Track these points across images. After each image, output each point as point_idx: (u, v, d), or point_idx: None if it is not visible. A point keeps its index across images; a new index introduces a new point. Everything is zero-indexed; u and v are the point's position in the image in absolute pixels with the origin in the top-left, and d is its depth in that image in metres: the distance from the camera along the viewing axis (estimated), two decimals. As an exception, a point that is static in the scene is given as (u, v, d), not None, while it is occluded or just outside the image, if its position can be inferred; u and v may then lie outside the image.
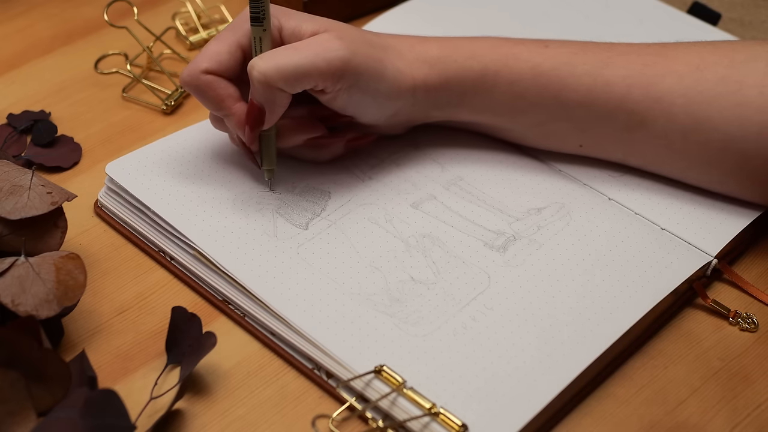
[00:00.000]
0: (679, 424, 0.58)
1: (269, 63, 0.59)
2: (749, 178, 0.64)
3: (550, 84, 0.65)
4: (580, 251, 0.63)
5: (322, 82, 0.61)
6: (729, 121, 0.63)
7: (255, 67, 0.60)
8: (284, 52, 0.60)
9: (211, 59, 0.62)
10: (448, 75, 0.65)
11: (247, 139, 0.62)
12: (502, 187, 0.67)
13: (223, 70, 0.62)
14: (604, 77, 0.64)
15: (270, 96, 0.60)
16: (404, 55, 0.64)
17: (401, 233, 0.64)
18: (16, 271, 0.57)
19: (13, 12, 0.86)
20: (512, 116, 0.67)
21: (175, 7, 0.87)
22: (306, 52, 0.60)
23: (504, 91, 0.65)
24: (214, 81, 0.62)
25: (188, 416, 0.57)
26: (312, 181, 0.67)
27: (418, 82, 0.64)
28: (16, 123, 0.74)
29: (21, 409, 0.53)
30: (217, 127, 0.66)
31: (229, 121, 0.63)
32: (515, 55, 0.65)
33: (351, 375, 0.56)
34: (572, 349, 0.58)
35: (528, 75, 0.65)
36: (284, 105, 0.61)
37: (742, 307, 0.64)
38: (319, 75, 0.60)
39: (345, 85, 0.61)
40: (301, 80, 0.60)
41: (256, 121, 0.61)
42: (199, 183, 0.66)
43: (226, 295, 0.62)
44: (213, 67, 0.62)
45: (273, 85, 0.60)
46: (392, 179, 0.68)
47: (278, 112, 0.62)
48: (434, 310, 0.60)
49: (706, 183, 0.66)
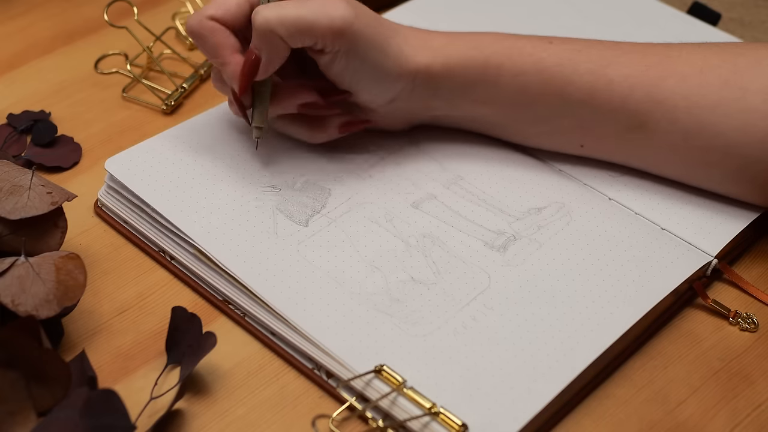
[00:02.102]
0: (679, 424, 0.58)
1: (273, 11, 0.60)
2: (750, 181, 0.64)
3: (552, 79, 0.65)
4: (581, 251, 0.63)
5: (322, 39, 0.61)
6: (732, 127, 0.62)
7: (259, 12, 0.61)
8: (290, 4, 0.61)
9: (218, 7, 0.63)
10: (451, 63, 0.65)
11: (240, 87, 0.63)
12: (503, 186, 0.67)
13: (229, 19, 0.63)
14: (606, 76, 0.64)
15: (270, 43, 0.61)
16: (409, 40, 0.65)
17: (401, 233, 0.64)
18: (16, 271, 0.57)
19: (13, 12, 0.86)
20: (514, 110, 0.67)
21: (175, 7, 0.87)
22: (312, 6, 0.61)
23: (507, 84, 0.66)
24: (216, 28, 0.63)
25: (188, 416, 0.57)
26: (312, 178, 0.67)
27: (421, 66, 0.65)
28: (16, 123, 0.74)
29: (21, 409, 0.53)
30: (217, 86, 0.66)
31: (225, 72, 0.63)
32: (519, 48, 0.65)
33: (351, 375, 0.56)
34: (572, 349, 0.58)
35: (531, 69, 0.65)
36: (282, 57, 0.62)
37: (742, 307, 0.64)
38: (320, 31, 0.61)
39: (344, 47, 0.62)
40: (302, 32, 0.61)
41: (251, 69, 0.62)
42: (199, 179, 0.66)
43: (227, 294, 0.62)
44: (219, 15, 0.63)
45: (274, 32, 0.60)
46: (393, 177, 0.68)
47: (275, 63, 0.62)
48: (434, 310, 0.60)
49: (706, 185, 0.66)
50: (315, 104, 0.65)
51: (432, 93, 0.66)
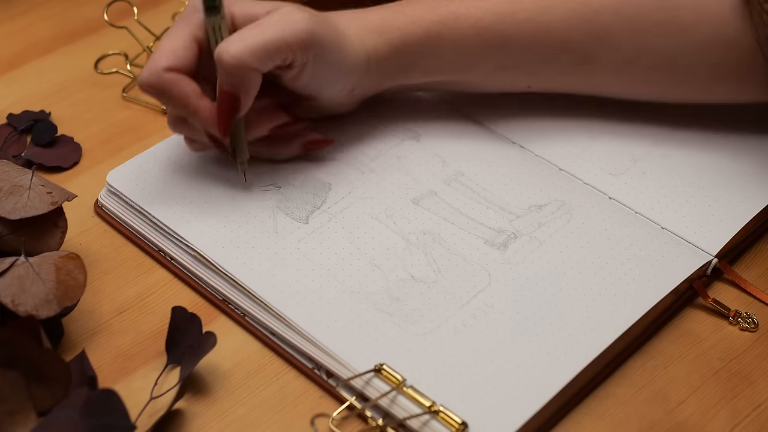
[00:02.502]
0: (679, 424, 0.57)
1: (239, 44, 0.59)
2: (691, 88, 0.69)
3: (493, 37, 0.66)
4: (581, 249, 0.63)
5: (291, 55, 0.61)
6: (670, 44, 0.66)
7: (225, 51, 0.59)
8: (250, 32, 0.60)
9: (169, 56, 0.60)
10: (395, 43, 0.66)
11: (222, 130, 0.61)
12: (503, 183, 0.67)
13: (182, 65, 0.61)
14: (544, 22, 0.66)
15: (243, 78, 0.60)
16: (352, 29, 0.65)
17: (402, 230, 0.64)
18: (16, 271, 0.57)
19: (13, 12, 0.86)
20: (461, 72, 0.68)
21: (175, 7, 0.87)
22: (272, 28, 0.60)
23: (449, 51, 0.67)
24: (176, 78, 0.60)
25: (188, 416, 0.57)
26: (312, 173, 0.67)
27: (371, 52, 0.65)
28: (16, 123, 0.74)
29: (21, 409, 0.53)
30: (176, 129, 0.64)
31: (196, 119, 0.61)
32: (454, 13, 0.66)
33: (351, 374, 0.56)
34: (572, 347, 0.58)
35: (471, 32, 0.66)
36: (257, 86, 0.61)
37: (742, 307, 0.63)
38: (288, 47, 0.60)
39: (311, 56, 0.62)
40: (273, 55, 0.60)
41: (230, 109, 0.61)
42: (199, 186, 0.66)
43: (226, 294, 0.62)
44: (173, 64, 0.60)
45: (247, 65, 0.59)
46: (393, 172, 0.68)
47: (252, 95, 0.61)
48: (434, 309, 0.60)
49: (654, 98, 0.70)
50: (286, 124, 0.66)
51: (383, 73, 0.67)
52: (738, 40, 0.66)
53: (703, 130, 0.72)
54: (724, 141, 0.71)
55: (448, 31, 0.66)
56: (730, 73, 0.67)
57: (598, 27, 0.66)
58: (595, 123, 0.72)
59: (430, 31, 0.66)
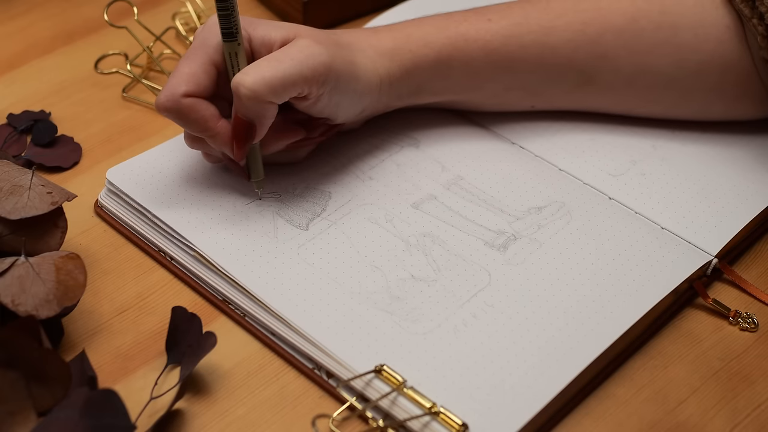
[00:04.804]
0: (679, 424, 0.58)
1: (256, 77, 0.59)
2: (689, 107, 0.70)
3: (501, 60, 0.67)
4: (581, 250, 0.63)
5: (308, 88, 0.61)
6: (668, 64, 0.68)
7: (242, 83, 0.59)
8: (268, 65, 0.59)
9: (189, 81, 0.60)
10: (407, 66, 0.66)
11: (237, 155, 0.61)
12: (503, 186, 0.67)
13: (201, 90, 0.61)
14: (549, 44, 0.67)
15: (259, 110, 0.60)
16: (366, 52, 0.65)
17: (401, 233, 0.64)
18: (16, 271, 0.57)
19: (13, 12, 0.86)
20: (469, 93, 0.69)
21: (175, 7, 0.86)
22: (290, 61, 0.60)
23: (459, 73, 0.67)
24: (195, 103, 0.60)
25: (188, 416, 0.57)
26: (312, 182, 0.67)
27: (383, 76, 0.65)
28: (16, 123, 0.74)
29: (21, 409, 0.53)
30: (192, 146, 0.64)
31: (214, 141, 0.61)
32: (463, 35, 0.67)
33: (351, 374, 0.56)
34: (572, 348, 0.58)
35: (480, 54, 0.67)
36: (273, 116, 0.61)
37: (742, 307, 0.63)
38: (305, 82, 0.60)
39: (327, 89, 0.61)
40: (289, 89, 0.60)
41: (245, 136, 0.61)
42: (200, 187, 0.66)
43: (226, 295, 0.62)
44: (192, 90, 0.60)
45: (263, 99, 0.59)
46: (393, 179, 0.68)
47: (267, 125, 0.61)
48: (435, 307, 0.60)
49: (653, 116, 0.72)
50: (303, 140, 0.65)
51: (394, 95, 0.67)
52: (735, 61, 0.67)
53: (702, 131, 0.72)
54: (723, 141, 0.71)
55: (458, 53, 0.67)
56: (728, 92, 0.69)
57: (600, 48, 0.67)
58: (595, 123, 0.72)
59: (442, 54, 0.66)
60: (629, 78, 0.68)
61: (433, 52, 0.66)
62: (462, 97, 0.70)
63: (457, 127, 0.71)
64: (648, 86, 0.69)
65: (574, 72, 0.68)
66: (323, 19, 0.83)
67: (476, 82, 0.68)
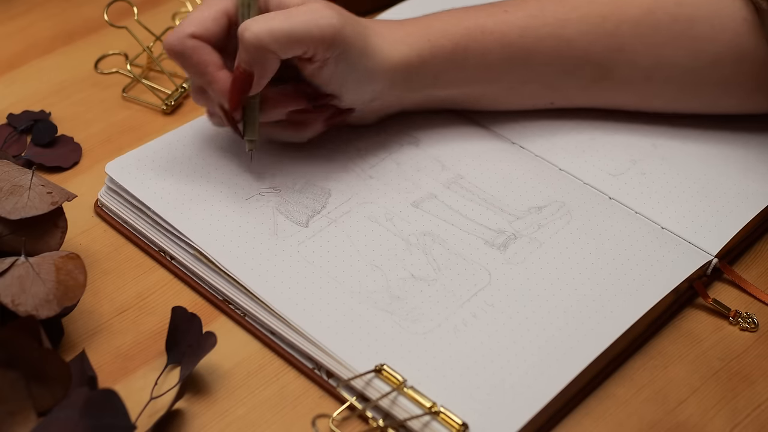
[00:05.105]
0: (679, 424, 0.57)
1: (262, 26, 0.60)
2: (704, 99, 0.70)
3: (517, 52, 0.67)
4: (581, 250, 0.63)
5: (313, 49, 0.61)
6: (685, 56, 0.67)
7: (248, 29, 0.60)
8: (277, 16, 0.61)
9: (197, 24, 0.62)
10: (424, 55, 0.66)
11: (231, 104, 0.62)
12: (503, 185, 0.67)
13: (209, 36, 0.62)
14: (565, 36, 0.67)
15: (260, 59, 0.60)
16: (384, 36, 0.65)
17: (401, 231, 0.64)
18: (16, 271, 0.57)
19: (13, 12, 0.86)
20: (484, 85, 0.69)
21: (175, 7, 0.87)
22: (300, 17, 0.61)
23: (475, 64, 0.67)
24: (198, 46, 0.62)
25: (188, 416, 0.57)
26: (312, 179, 0.67)
27: (397, 62, 0.65)
28: (16, 123, 0.74)
29: (21, 409, 0.53)
30: (198, 100, 0.65)
31: (212, 89, 0.62)
32: (480, 26, 0.67)
33: (351, 374, 0.56)
34: (572, 348, 0.58)
35: (496, 46, 0.67)
36: (273, 70, 0.62)
37: (742, 307, 0.63)
38: (311, 41, 0.61)
39: (333, 54, 0.62)
40: (294, 45, 0.60)
41: (242, 86, 0.61)
42: (199, 181, 0.66)
43: (227, 294, 0.62)
44: (199, 32, 0.62)
45: (265, 47, 0.60)
46: (393, 178, 0.68)
47: (267, 77, 0.62)
48: (435, 306, 0.60)
49: (667, 110, 0.71)
50: (304, 110, 0.66)
51: (407, 86, 0.67)
52: (750, 52, 0.67)
53: (703, 130, 0.72)
54: (724, 140, 0.71)
55: (474, 44, 0.67)
56: (743, 84, 0.69)
57: (617, 41, 0.67)
58: (595, 123, 0.72)
59: (459, 44, 0.66)
60: (646, 71, 0.68)
61: (451, 42, 0.66)
62: (478, 90, 0.69)
63: (457, 127, 0.71)
64: (665, 79, 0.68)
65: (591, 65, 0.68)
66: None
67: (492, 74, 0.68)
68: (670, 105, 0.71)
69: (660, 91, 0.69)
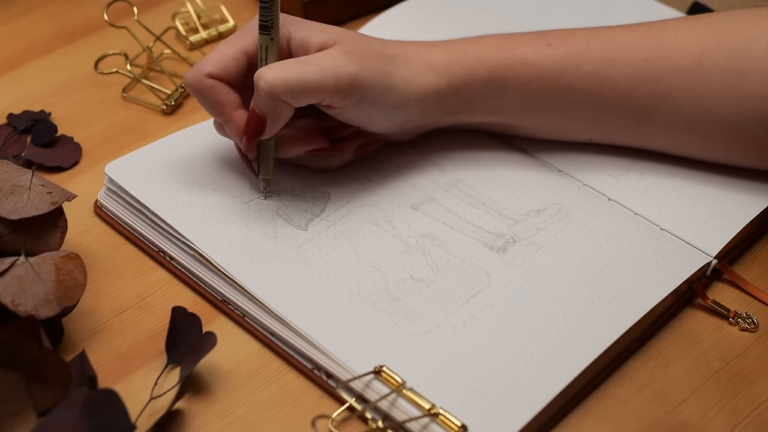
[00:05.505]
0: (679, 424, 0.58)
1: (276, 75, 0.59)
2: (752, 156, 0.67)
3: (557, 87, 0.65)
4: (580, 252, 0.63)
5: (330, 99, 0.60)
6: (733, 111, 0.64)
7: (262, 77, 0.59)
8: (293, 65, 0.60)
9: (216, 64, 0.61)
10: (457, 82, 0.64)
11: (245, 147, 0.62)
12: (502, 189, 0.67)
13: (227, 75, 0.62)
14: (609, 77, 0.65)
15: (273, 107, 0.60)
16: (412, 64, 0.64)
17: (401, 234, 0.64)
18: (16, 271, 0.57)
19: (13, 12, 0.86)
20: (522, 117, 0.68)
21: (175, 7, 0.87)
22: (314, 67, 0.60)
23: (513, 95, 0.66)
24: (216, 86, 0.61)
25: (188, 416, 0.57)
26: (311, 183, 0.67)
27: (427, 90, 0.64)
28: (16, 123, 0.74)
29: (21, 409, 0.53)
30: (219, 131, 0.65)
31: (228, 128, 0.62)
32: (521, 58, 0.65)
33: (350, 375, 0.56)
34: (572, 348, 0.58)
35: (536, 79, 0.65)
36: (286, 117, 0.61)
37: (742, 307, 0.64)
38: (327, 91, 0.60)
39: (353, 101, 0.61)
40: (308, 95, 0.60)
41: (256, 130, 0.61)
42: (199, 184, 0.66)
43: (226, 295, 0.62)
44: (217, 72, 0.61)
45: (278, 97, 0.59)
46: (392, 181, 0.68)
47: (279, 124, 0.61)
48: (434, 307, 0.60)
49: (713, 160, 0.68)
50: (322, 149, 0.65)
51: (441, 110, 0.66)
52: None
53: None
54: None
55: (513, 74, 0.65)
56: None
57: (662, 87, 0.65)
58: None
59: (496, 74, 0.65)
60: (690, 121, 0.65)
61: (487, 71, 0.65)
62: (517, 121, 0.68)
63: (455, 131, 0.71)
64: (709, 131, 0.66)
65: (633, 110, 0.66)
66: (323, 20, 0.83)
67: (531, 107, 0.66)
68: (717, 157, 0.68)
69: (704, 142, 0.67)
